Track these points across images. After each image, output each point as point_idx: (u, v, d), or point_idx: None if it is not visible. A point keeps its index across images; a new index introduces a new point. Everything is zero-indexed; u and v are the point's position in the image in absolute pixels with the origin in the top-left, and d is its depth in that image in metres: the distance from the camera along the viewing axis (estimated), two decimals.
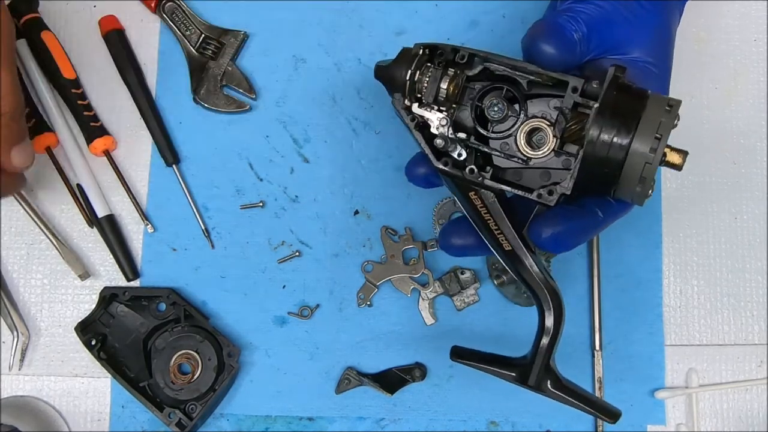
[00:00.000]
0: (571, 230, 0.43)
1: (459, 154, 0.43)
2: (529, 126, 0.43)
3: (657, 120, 0.40)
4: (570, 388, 0.45)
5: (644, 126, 0.40)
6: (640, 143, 0.39)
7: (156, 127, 0.58)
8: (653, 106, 0.40)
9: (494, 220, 0.44)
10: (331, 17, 0.60)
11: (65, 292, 0.58)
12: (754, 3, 0.62)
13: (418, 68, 0.43)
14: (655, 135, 0.39)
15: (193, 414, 0.55)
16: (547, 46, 0.42)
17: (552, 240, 0.42)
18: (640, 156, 0.40)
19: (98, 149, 0.58)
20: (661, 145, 0.39)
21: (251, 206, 0.58)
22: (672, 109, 0.40)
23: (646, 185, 0.40)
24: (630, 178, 0.40)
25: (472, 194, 0.44)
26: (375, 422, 0.57)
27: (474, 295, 0.58)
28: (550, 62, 0.42)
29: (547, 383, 0.45)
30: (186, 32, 0.59)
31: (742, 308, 0.59)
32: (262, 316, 0.58)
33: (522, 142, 0.43)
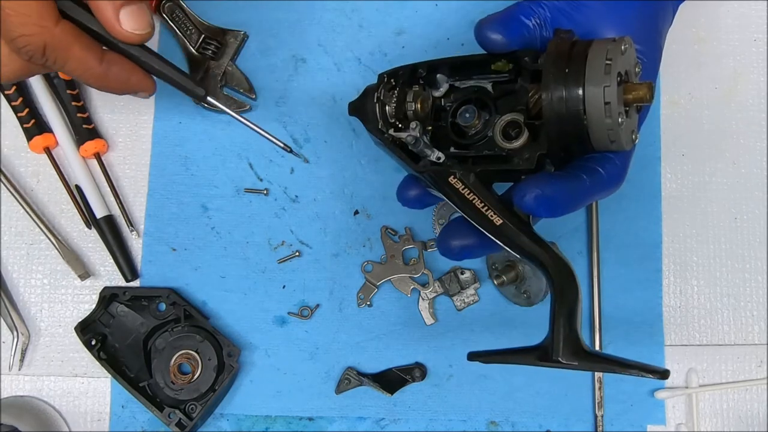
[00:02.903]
0: (556, 193, 0.41)
1: (438, 157, 0.45)
2: (503, 122, 0.44)
3: (602, 56, 0.39)
4: (602, 356, 0.42)
5: (591, 66, 0.39)
6: (591, 85, 0.38)
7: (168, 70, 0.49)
8: (597, 47, 0.39)
9: (479, 198, 0.43)
10: (331, 17, 0.60)
11: (65, 292, 0.58)
12: (754, 3, 0.62)
13: (383, 94, 0.47)
14: (604, 68, 0.38)
15: (193, 414, 0.55)
16: (491, 33, 0.44)
17: (536, 202, 0.40)
18: (596, 97, 0.38)
19: (89, 152, 0.58)
20: (613, 75, 0.38)
21: (255, 191, 0.58)
22: (617, 41, 0.39)
23: (614, 120, 0.39)
24: (597, 125, 0.39)
25: (452, 179, 0.44)
26: (375, 422, 0.57)
27: (474, 295, 0.58)
28: (498, 48, 0.44)
29: (573, 355, 0.40)
30: (186, 32, 0.59)
31: (742, 308, 0.59)
32: (262, 316, 0.58)
33: (499, 138, 0.44)
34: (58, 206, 0.59)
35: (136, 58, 0.46)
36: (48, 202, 0.59)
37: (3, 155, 0.59)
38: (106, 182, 0.58)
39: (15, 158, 0.59)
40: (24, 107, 0.57)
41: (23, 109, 0.57)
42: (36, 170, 0.59)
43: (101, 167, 0.58)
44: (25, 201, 0.57)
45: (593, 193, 0.43)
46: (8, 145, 0.59)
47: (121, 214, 0.58)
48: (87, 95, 0.60)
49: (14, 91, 0.57)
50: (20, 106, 0.57)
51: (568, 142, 0.41)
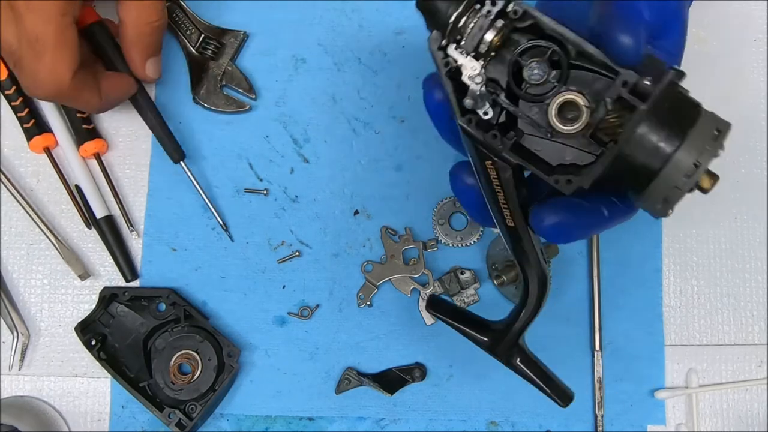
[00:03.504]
0: (573, 224, 0.41)
1: (485, 112, 0.39)
2: (566, 98, 0.38)
3: (702, 145, 0.37)
4: (536, 365, 0.47)
5: (687, 147, 0.37)
6: (675, 166, 0.37)
7: (157, 124, 0.56)
8: (703, 126, 0.37)
9: (504, 195, 0.41)
10: (331, 17, 0.60)
11: (65, 292, 0.58)
12: (754, 3, 0.62)
13: (467, 10, 0.39)
14: (695, 162, 0.36)
15: (193, 414, 0.55)
16: (624, 37, 0.37)
17: (552, 229, 0.41)
18: (673, 177, 0.37)
19: (88, 152, 0.58)
20: (697, 172, 0.37)
21: (255, 191, 0.58)
22: (719, 135, 0.37)
23: (667, 207, 0.38)
24: (655, 194, 0.38)
25: (488, 163, 0.40)
26: (375, 422, 0.57)
27: (474, 295, 0.58)
28: (622, 53, 0.37)
29: (516, 358, 0.47)
30: (186, 32, 0.59)
31: (742, 308, 0.59)
32: (262, 316, 0.58)
33: (554, 112, 0.38)
34: (58, 206, 0.59)
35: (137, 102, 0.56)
36: (48, 202, 0.59)
37: (3, 155, 0.59)
38: (105, 182, 0.58)
39: (15, 158, 0.59)
40: (24, 107, 0.57)
41: (23, 109, 0.57)
42: (36, 170, 0.59)
43: (101, 167, 0.58)
44: (25, 201, 0.57)
45: (607, 226, 0.43)
46: (8, 145, 0.59)
47: (120, 214, 0.58)
48: None
49: (14, 91, 0.57)
50: (20, 106, 0.57)
51: (610, 183, 0.39)
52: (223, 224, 0.58)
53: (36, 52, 0.46)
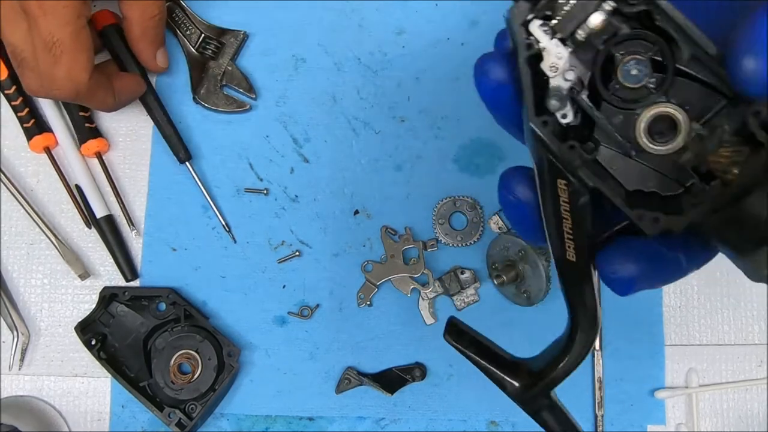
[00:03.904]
0: (648, 276, 0.34)
1: (564, 115, 0.31)
2: (663, 111, 0.30)
3: None
4: (568, 420, 0.40)
5: None
6: None
7: (165, 123, 0.57)
8: None
9: (572, 224, 0.33)
10: (331, 17, 0.60)
11: (65, 292, 0.58)
12: None
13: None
14: None
15: (193, 414, 0.55)
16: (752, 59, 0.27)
17: (624, 281, 0.34)
18: None
19: (90, 151, 0.58)
20: None
21: (255, 191, 0.59)
22: None
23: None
24: (764, 261, 0.31)
25: (562, 183, 0.32)
26: (375, 422, 0.57)
27: (474, 295, 0.58)
28: (745, 80, 0.27)
29: (545, 411, 0.39)
30: (186, 32, 0.59)
31: (742, 308, 0.59)
32: (262, 316, 0.58)
33: (643, 126, 0.30)
34: (58, 206, 0.59)
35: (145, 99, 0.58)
36: (48, 202, 0.59)
37: (3, 155, 0.59)
38: (106, 182, 0.58)
39: (15, 158, 0.59)
40: (24, 107, 0.57)
41: (23, 108, 0.57)
42: (36, 170, 0.59)
43: (102, 166, 0.58)
44: (25, 201, 0.57)
45: (678, 278, 0.36)
46: (8, 145, 0.59)
47: (121, 214, 0.58)
48: None
49: (14, 90, 0.57)
50: (20, 105, 0.57)
51: (714, 232, 0.32)
52: (225, 225, 0.58)
53: (53, 55, 0.47)
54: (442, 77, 0.60)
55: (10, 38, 0.47)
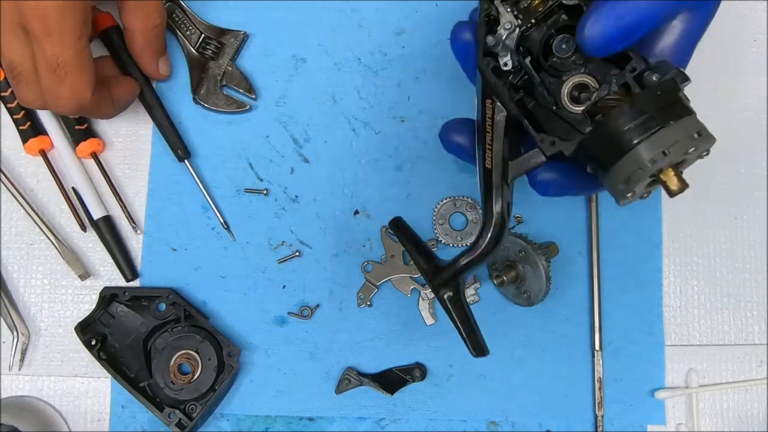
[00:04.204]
0: (559, 183, 0.45)
1: (505, 63, 0.43)
2: (580, 80, 0.43)
3: (677, 138, 0.39)
4: (462, 308, 0.47)
5: (663, 134, 0.39)
6: (647, 148, 0.39)
7: (165, 122, 0.58)
8: (684, 124, 0.39)
9: (492, 135, 0.44)
10: (331, 17, 0.60)
11: (65, 292, 0.58)
12: (754, 3, 0.62)
13: None
14: (665, 150, 0.39)
15: (193, 414, 0.55)
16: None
17: (542, 182, 0.45)
18: (639, 159, 0.39)
19: (85, 152, 0.58)
20: (662, 161, 0.39)
21: (255, 191, 0.59)
22: (699, 139, 0.39)
23: (629, 187, 0.40)
24: (619, 173, 0.40)
25: (488, 102, 0.44)
26: (375, 422, 0.57)
27: (474, 295, 0.58)
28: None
29: (447, 293, 0.46)
30: (186, 32, 0.59)
31: (742, 308, 0.59)
32: (262, 316, 0.58)
33: (566, 90, 0.43)
34: (57, 206, 0.59)
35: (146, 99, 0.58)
36: (48, 203, 0.59)
37: (3, 156, 0.59)
38: (104, 182, 0.58)
39: (15, 159, 0.59)
40: (20, 110, 0.57)
41: (19, 111, 0.57)
42: (35, 170, 0.59)
43: (99, 167, 0.58)
44: (25, 201, 0.57)
45: (580, 192, 0.47)
46: (8, 145, 0.59)
47: (119, 214, 0.58)
48: None
49: (10, 93, 0.57)
50: (16, 108, 0.57)
51: (588, 159, 0.42)
52: (224, 223, 0.58)
53: (58, 75, 0.47)
54: (442, 77, 0.59)
55: (7, 54, 0.48)
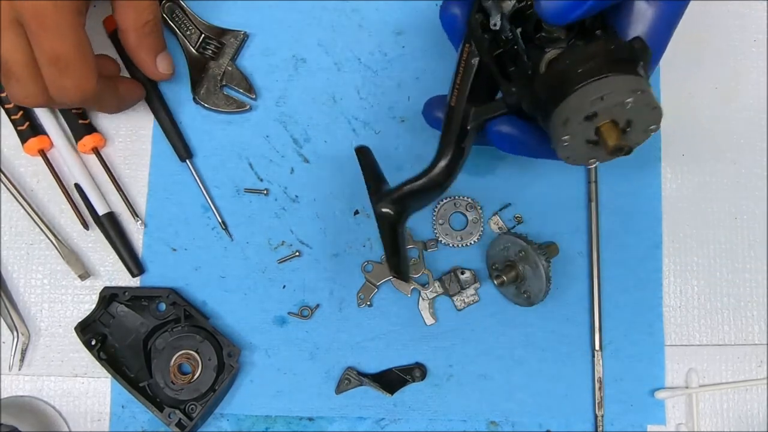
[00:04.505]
0: (515, 138, 0.47)
1: (494, 24, 0.45)
2: (561, 53, 0.44)
3: (616, 88, 0.40)
4: (393, 230, 0.48)
5: (604, 82, 0.40)
6: (586, 90, 0.40)
7: (168, 123, 0.58)
8: (628, 80, 0.41)
9: (462, 76, 0.47)
10: (331, 17, 0.60)
11: (65, 292, 0.58)
12: (754, 3, 0.62)
13: None
14: (603, 96, 0.40)
15: (193, 414, 0.55)
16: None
17: (499, 135, 0.47)
18: (578, 101, 0.40)
19: (87, 147, 0.58)
20: (598, 105, 0.40)
21: (255, 191, 0.59)
22: (639, 95, 0.40)
23: (566, 129, 0.41)
24: (559, 115, 0.41)
25: (467, 45, 0.46)
26: (375, 422, 0.57)
27: (474, 295, 0.58)
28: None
29: (385, 208, 0.48)
30: (186, 32, 0.59)
31: (742, 308, 0.59)
32: (262, 316, 0.58)
33: (545, 61, 0.44)
34: (57, 206, 0.59)
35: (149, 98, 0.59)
36: (48, 202, 0.59)
37: (3, 156, 0.59)
38: (105, 179, 0.58)
39: (15, 158, 0.59)
40: (18, 110, 0.57)
41: (17, 111, 0.57)
42: (36, 170, 0.59)
43: (101, 162, 0.58)
44: (25, 201, 0.57)
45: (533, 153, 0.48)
46: (8, 145, 0.59)
47: (122, 210, 0.58)
48: None
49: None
50: (14, 108, 0.57)
51: (542, 102, 0.43)
52: (222, 223, 0.58)
53: (59, 68, 0.47)
54: (442, 77, 0.59)
55: (2, 49, 0.47)
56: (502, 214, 0.59)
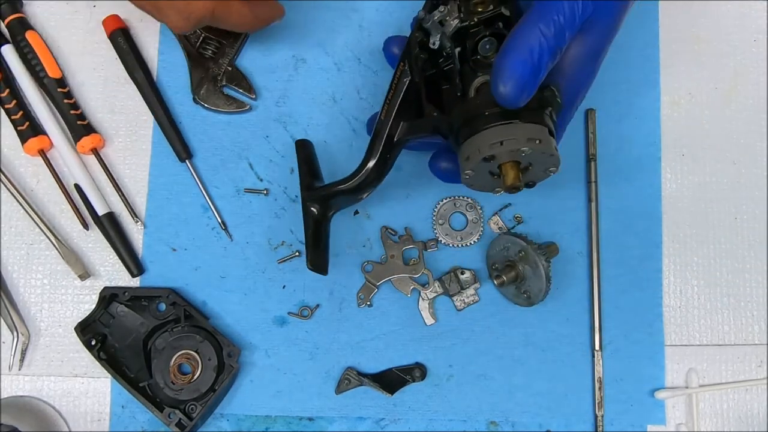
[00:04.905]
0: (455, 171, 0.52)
1: (434, 43, 0.48)
2: (487, 79, 0.46)
3: (516, 135, 0.44)
4: (318, 226, 0.52)
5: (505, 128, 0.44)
6: (488, 134, 0.44)
7: (167, 123, 0.58)
8: (528, 128, 0.44)
9: (393, 93, 0.50)
10: (331, 17, 0.60)
11: (65, 292, 0.58)
12: (754, 3, 0.62)
13: None
14: (501, 141, 0.44)
15: (193, 414, 0.55)
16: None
17: (440, 171, 0.53)
18: (480, 141, 0.44)
19: (86, 147, 0.58)
20: (497, 149, 0.44)
21: (255, 191, 0.59)
22: (537, 144, 0.44)
23: (468, 164, 0.45)
24: (465, 150, 0.46)
25: (402, 64, 0.50)
26: (375, 422, 0.57)
27: (474, 295, 0.58)
28: None
29: (313, 207, 0.52)
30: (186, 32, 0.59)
31: (742, 308, 0.59)
32: (262, 316, 0.58)
33: (475, 86, 0.47)
34: (57, 206, 0.59)
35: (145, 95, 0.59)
36: (48, 203, 0.59)
37: (3, 156, 0.59)
38: (105, 179, 0.58)
39: (15, 158, 0.59)
40: (18, 110, 0.57)
41: (17, 111, 0.57)
42: (36, 170, 0.59)
43: (100, 162, 0.58)
44: (25, 201, 0.57)
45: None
46: (8, 145, 0.59)
47: (122, 210, 0.58)
48: (81, 95, 0.60)
49: (8, 93, 0.57)
50: (14, 108, 0.57)
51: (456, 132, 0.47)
52: (222, 223, 0.58)
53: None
54: None
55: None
56: (502, 214, 0.59)
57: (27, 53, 0.58)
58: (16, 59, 0.58)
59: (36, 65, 0.58)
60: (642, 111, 0.60)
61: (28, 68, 0.59)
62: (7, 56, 0.58)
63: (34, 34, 0.59)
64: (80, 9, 0.61)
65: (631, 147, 0.59)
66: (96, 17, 0.60)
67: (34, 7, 0.61)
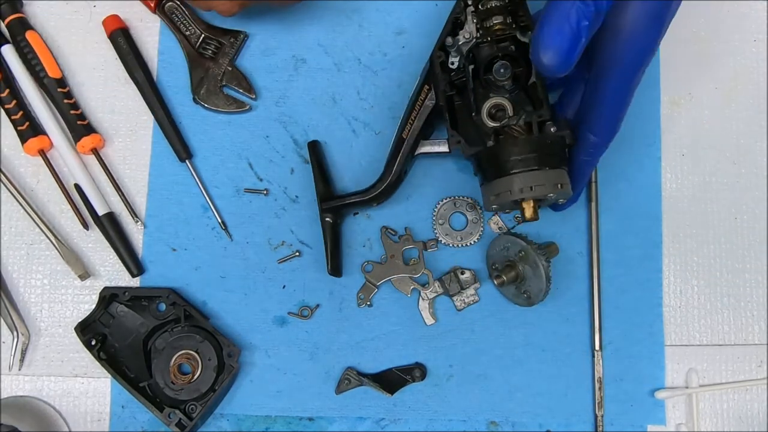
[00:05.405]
0: None
1: (452, 62, 0.51)
2: (502, 103, 0.50)
3: (544, 181, 0.48)
4: (335, 235, 0.56)
5: (535, 175, 0.48)
6: (520, 179, 0.48)
7: (167, 123, 0.58)
8: (555, 174, 0.49)
9: (417, 114, 0.54)
10: (331, 17, 0.60)
11: (65, 292, 0.58)
12: (754, 3, 0.62)
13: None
14: (532, 186, 0.48)
15: (193, 414, 0.55)
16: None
17: None
18: (511, 184, 0.49)
19: (86, 147, 0.58)
20: (527, 193, 0.48)
21: (255, 191, 0.59)
22: (559, 189, 0.49)
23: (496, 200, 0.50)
24: (494, 187, 0.50)
25: (426, 87, 0.54)
26: (375, 422, 0.57)
27: (474, 295, 0.58)
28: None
29: (329, 218, 0.56)
30: (186, 32, 0.59)
31: (742, 308, 0.59)
32: (262, 316, 0.58)
33: (487, 107, 0.50)
34: (57, 206, 0.59)
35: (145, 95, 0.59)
36: (48, 202, 0.59)
37: (3, 156, 0.59)
38: (105, 179, 0.58)
39: (15, 159, 0.59)
40: (18, 110, 0.57)
41: (17, 111, 0.57)
42: (36, 170, 0.59)
43: (100, 162, 0.58)
44: (25, 201, 0.57)
45: None
46: (8, 145, 0.59)
47: (122, 210, 0.58)
48: (81, 95, 0.60)
49: (8, 93, 0.57)
50: (14, 108, 0.57)
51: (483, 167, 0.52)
52: (222, 223, 0.58)
53: None
54: None
55: None
56: (502, 214, 0.59)
57: (27, 53, 0.58)
58: (16, 59, 0.58)
59: (36, 65, 0.58)
60: (642, 111, 0.60)
61: (28, 68, 0.59)
62: (7, 56, 0.58)
63: (34, 34, 0.59)
64: (80, 9, 0.61)
65: (631, 147, 0.59)
66: (96, 17, 0.60)
67: (34, 7, 0.61)
